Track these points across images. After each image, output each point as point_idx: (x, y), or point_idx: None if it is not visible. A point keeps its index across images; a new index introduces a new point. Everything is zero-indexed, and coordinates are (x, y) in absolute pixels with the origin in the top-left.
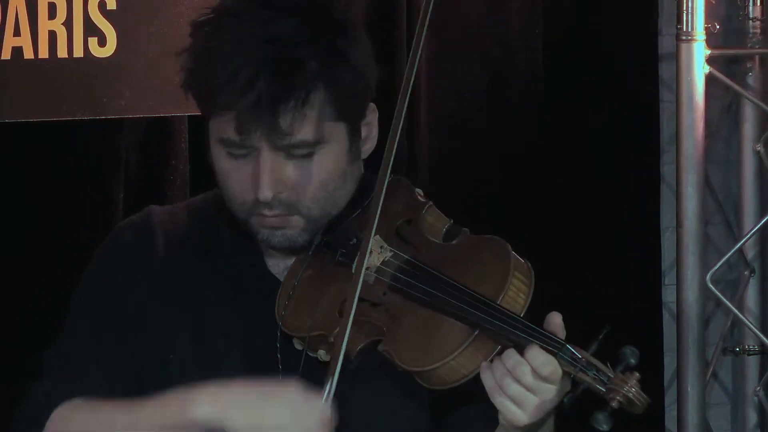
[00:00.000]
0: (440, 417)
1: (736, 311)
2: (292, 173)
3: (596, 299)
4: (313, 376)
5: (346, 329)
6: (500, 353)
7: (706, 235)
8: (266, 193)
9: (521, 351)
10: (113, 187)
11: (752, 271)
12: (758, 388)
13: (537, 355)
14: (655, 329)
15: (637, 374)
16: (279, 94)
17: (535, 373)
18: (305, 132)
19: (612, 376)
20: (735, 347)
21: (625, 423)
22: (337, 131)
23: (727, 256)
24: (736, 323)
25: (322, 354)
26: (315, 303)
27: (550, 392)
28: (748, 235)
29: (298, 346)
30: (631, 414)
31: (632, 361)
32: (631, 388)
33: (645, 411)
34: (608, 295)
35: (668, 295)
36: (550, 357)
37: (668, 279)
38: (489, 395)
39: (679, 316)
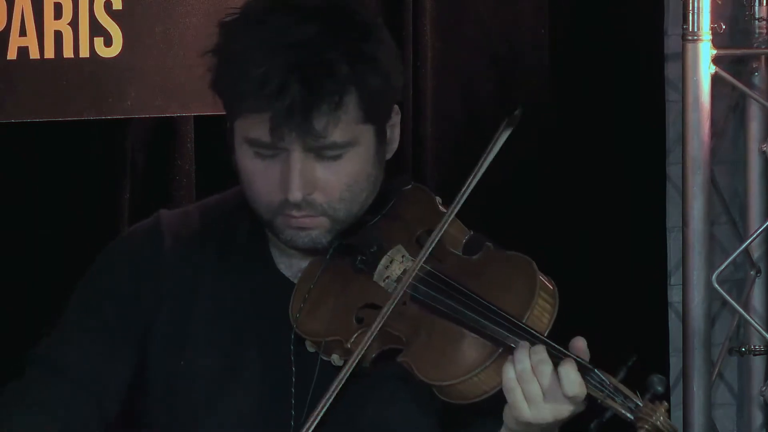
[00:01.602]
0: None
1: (741, 311)
2: (322, 174)
3: (602, 299)
4: (326, 379)
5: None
6: None
7: (712, 235)
8: (297, 194)
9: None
10: (119, 187)
11: (758, 271)
12: (764, 388)
13: (570, 372)
14: (661, 329)
15: (666, 404)
16: (312, 99)
17: (560, 385)
18: (337, 134)
19: (641, 404)
20: (741, 347)
21: (630, 425)
22: (366, 133)
23: (733, 256)
24: (742, 323)
25: (335, 358)
26: (331, 307)
27: (566, 410)
28: (754, 235)
29: (311, 349)
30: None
31: (659, 389)
32: (660, 417)
33: None
34: (614, 295)
35: (674, 296)
36: (580, 378)
37: (674, 279)
38: (503, 387)
39: (684, 317)
